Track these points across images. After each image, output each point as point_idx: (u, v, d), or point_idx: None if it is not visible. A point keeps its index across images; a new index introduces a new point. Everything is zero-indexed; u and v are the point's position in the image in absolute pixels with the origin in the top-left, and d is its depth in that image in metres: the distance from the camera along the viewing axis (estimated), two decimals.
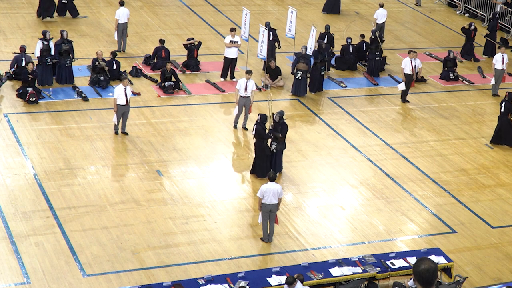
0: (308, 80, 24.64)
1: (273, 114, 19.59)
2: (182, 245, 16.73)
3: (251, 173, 19.74)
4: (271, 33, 25.92)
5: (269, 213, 16.83)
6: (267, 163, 19.52)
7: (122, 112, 20.71)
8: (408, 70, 24.57)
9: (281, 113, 19.66)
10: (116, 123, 20.85)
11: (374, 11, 30.75)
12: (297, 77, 24.30)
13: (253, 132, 19.37)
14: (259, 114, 19.53)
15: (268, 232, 17.10)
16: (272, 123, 19.50)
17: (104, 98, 23.12)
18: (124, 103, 20.63)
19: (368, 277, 15.40)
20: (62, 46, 23.62)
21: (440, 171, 20.94)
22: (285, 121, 19.65)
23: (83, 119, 21.73)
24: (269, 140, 19.58)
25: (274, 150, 19.58)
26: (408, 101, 24.86)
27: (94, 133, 21.05)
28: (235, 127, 22.01)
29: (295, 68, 24.25)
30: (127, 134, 21.01)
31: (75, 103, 22.70)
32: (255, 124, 19.33)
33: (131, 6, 30.51)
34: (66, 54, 23.65)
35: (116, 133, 20.92)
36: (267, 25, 26.35)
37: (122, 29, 26.08)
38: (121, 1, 26.47)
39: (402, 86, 24.77)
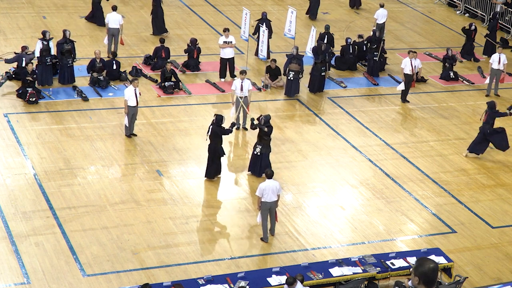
0: (302, 80, 24.63)
1: (259, 117, 19.45)
2: (182, 245, 16.73)
3: (205, 176, 19.44)
4: (264, 23, 26.25)
5: (269, 211, 16.88)
6: (217, 165, 19.32)
7: (132, 113, 20.71)
8: (408, 70, 24.57)
9: (268, 117, 19.45)
10: (127, 125, 20.80)
11: (374, 11, 30.75)
12: (289, 78, 24.33)
13: (209, 133, 19.10)
14: (214, 115, 19.39)
15: (269, 227, 17.17)
16: (255, 124, 19.36)
17: (104, 98, 23.13)
18: (135, 104, 20.64)
19: (368, 277, 15.39)
20: (64, 46, 23.60)
21: (440, 171, 20.94)
22: (270, 125, 19.47)
23: (83, 119, 21.74)
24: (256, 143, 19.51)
25: (259, 153, 19.48)
26: (408, 101, 24.87)
27: (94, 133, 21.05)
28: (237, 128, 22.00)
29: (287, 69, 24.28)
30: (135, 135, 21.00)
31: (75, 103, 22.70)
32: (211, 125, 19.12)
33: (131, 6, 30.53)
34: (68, 53, 23.64)
35: (128, 136, 20.85)
36: (264, 15, 26.58)
37: (112, 33, 25.94)
38: (114, 6, 26.35)
39: (401, 87, 24.77)
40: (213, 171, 19.31)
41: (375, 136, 22.56)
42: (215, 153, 19.16)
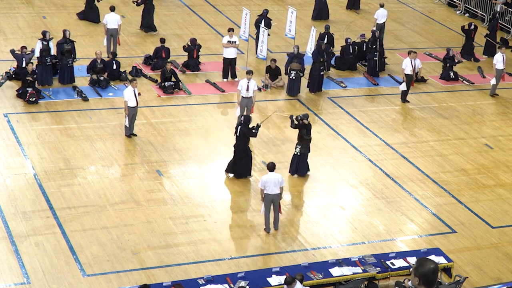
0: (302, 79, 24.65)
1: (297, 116, 19.65)
2: (182, 245, 16.73)
3: (232, 174, 19.44)
4: (263, 20, 26.36)
5: (272, 203, 16.98)
6: (248, 163, 19.39)
7: (132, 113, 20.72)
8: (408, 71, 24.58)
9: (305, 116, 19.65)
10: (127, 126, 20.80)
11: (374, 11, 30.74)
12: (290, 77, 24.36)
13: (237, 134, 19.14)
14: (242, 115, 19.44)
15: (273, 221, 17.32)
16: (296, 123, 19.46)
17: (104, 98, 23.13)
18: (134, 104, 20.65)
19: (368, 277, 15.40)
20: (64, 46, 23.59)
21: (440, 171, 20.94)
22: (309, 122, 19.64)
23: (83, 119, 21.74)
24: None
25: (298, 153, 19.61)
26: (408, 101, 24.86)
27: (94, 133, 21.05)
28: None
29: (289, 68, 24.32)
30: (135, 135, 21.01)
31: (75, 103, 22.70)
32: (239, 126, 19.19)
33: (131, 6, 30.51)
34: (68, 54, 23.63)
35: (128, 136, 20.85)
36: (264, 12, 27.05)
37: (110, 34, 25.92)
38: (111, 7, 26.35)
39: (403, 87, 24.76)
40: (240, 169, 19.32)
41: (375, 136, 22.55)
42: (244, 153, 19.17)
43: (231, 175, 19.48)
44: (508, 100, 25.89)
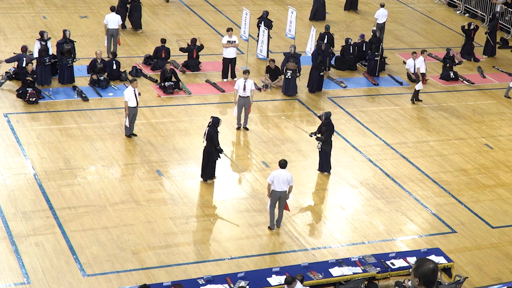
0: (299, 79, 24.65)
1: (321, 114, 19.85)
2: (182, 245, 16.73)
3: (201, 177, 19.30)
4: (263, 22, 26.34)
5: (278, 200, 17.06)
6: (212, 168, 19.13)
7: (132, 114, 20.73)
8: (423, 69, 24.79)
9: (328, 114, 19.78)
10: (127, 126, 20.80)
11: (374, 11, 30.74)
12: (286, 77, 24.36)
13: (205, 136, 19.00)
14: (211, 117, 19.30)
15: (277, 218, 17.37)
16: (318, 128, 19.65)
17: (104, 98, 23.13)
18: (135, 105, 20.65)
19: (368, 277, 15.40)
20: (64, 46, 23.59)
21: (440, 171, 20.94)
22: (331, 121, 19.72)
23: (83, 119, 21.74)
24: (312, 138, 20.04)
25: (320, 149, 19.75)
26: (421, 100, 24.88)
27: (94, 133, 21.05)
28: (238, 128, 22.01)
29: (285, 67, 24.33)
30: (135, 135, 21.01)
31: (75, 103, 22.70)
32: (207, 127, 19.03)
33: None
34: (68, 54, 23.62)
35: (128, 136, 20.85)
36: (264, 14, 27.05)
37: (111, 34, 25.91)
38: (112, 7, 26.35)
39: (419, 86, 24.72)
40: (207, 173, 19.25)
41: (375, 136, 22.56)
42: (209, 156, 19.06)
43: (210, 180, 19.31)
44: (508, 100, 25.89)
